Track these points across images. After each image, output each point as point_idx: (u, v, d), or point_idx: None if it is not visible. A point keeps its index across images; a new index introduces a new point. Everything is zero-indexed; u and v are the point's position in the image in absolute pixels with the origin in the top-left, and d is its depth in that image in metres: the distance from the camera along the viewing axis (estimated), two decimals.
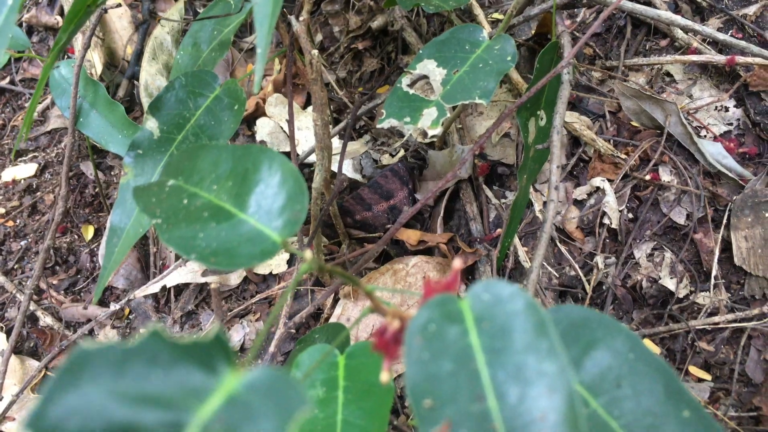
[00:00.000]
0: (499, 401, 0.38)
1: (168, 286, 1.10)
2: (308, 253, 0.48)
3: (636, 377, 0.50)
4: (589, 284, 0.99)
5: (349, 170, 1.13)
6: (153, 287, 1.09)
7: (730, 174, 1.03)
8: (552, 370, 0.38)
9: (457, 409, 0.38)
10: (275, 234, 0.53)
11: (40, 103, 1.39)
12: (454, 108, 1.08)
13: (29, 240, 1.28)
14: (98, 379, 0.28)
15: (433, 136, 1.16)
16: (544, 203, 1.05)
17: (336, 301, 1.04)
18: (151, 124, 0.80)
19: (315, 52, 0.82)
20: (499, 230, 1.04)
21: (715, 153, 1.04)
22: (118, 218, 0.79)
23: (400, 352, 0.46)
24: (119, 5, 1.31)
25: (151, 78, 1.23)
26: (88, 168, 1.32)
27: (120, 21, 1.44)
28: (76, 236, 1.28)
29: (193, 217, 0.57)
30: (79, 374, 0.28)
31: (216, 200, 0.58)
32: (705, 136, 1.08)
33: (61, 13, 1.48)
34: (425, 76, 0.81)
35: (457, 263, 0.46)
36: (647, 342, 0.99)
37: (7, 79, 1.49)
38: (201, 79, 0.81)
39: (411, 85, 0.81)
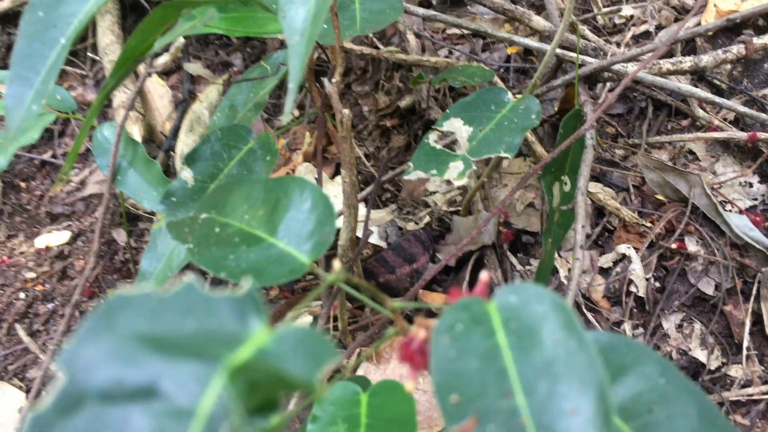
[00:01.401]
0: (527, 397, 0.37)
1: None
2: (336, 264, 0.48)
3: (668, 402, 0.48)
4: None
5: (374, 237, 1.15)
6: None
7: (757, 246, 1.02)
8: (582, 364, 0.37)
9: (484, 405, 0.37)
10: (304, 256, 0.54)
11: (78, 171, 1.45)
12: (479, 176, 1.11)
13: (56, 303, 1.29)
14: (133, 323, 0.29)
15: (458, 205, 1.18)
16: (570, 270, 1.05)
17: (357, 364, 1.02)
18: (186, 174, 0.83)
19: (346, 111, 0.86)
20: None
21: (742, 225, 1.04)
22: (148, 263, 0.81)
23: (425, 363, 0.46)
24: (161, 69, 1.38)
25: (187, 148, 1.28)
26: (119, 235, 1.35)
27: (161, 100, 1.51)
28: (102, 301, 1.29)
29: (224, 242, 0.58)
30: (115, 318, 0.29)
31: (247, 228, 0.59)
32: (730, 210, 1.09)
33: None
34: (452, 133, 0.83)
35: (485, 275, 0.46)
36: None
37: (50, 153, 1.55)
38: (236, 133, 0.85)
39: (438, 141, 0.83)
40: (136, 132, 1.40)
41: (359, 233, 1.04)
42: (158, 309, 0.29)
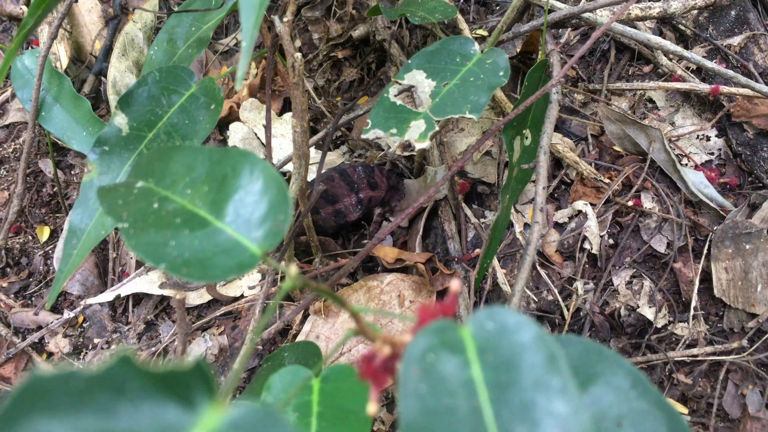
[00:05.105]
0: None
1: (124, 295, 1.04)
2: (293, 269, 0.43)
3: (638, 416, 0.46)
4: (568, 310, 0.97)
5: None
6: (106, 296, 1.02)
7: (711, 204, 1.02)
8: (564, 410, 0.34)
9: None
10: (254, 245, 0.49)
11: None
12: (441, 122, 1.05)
13: None
14: (55, 412, 0.24)
15: (412, 150, 1.13)
16: (525, 225, 1.03)
17: (305, 317, 0.99)
18: (119, 120, 0.75)
19: (298, 55, 0.78)
20: (477, 250, 1.01)
21: (697, 182, 1.03)
22: (79, 218, 0.74)
23: (388, 381, 0.42)
24: None
25: (119, 75, 1.18)
26: (47, 166, 1.25)
27: (89, 15, 1.38)
28: (30, 237, 1.21)
29: (164, 222, 0.52)
30: (33, 405, 0.24)
31: (190, 206, 0.53)
32: (686, 164, 1.07)
33: (27, 3, 1.41)
34: (413, 87, 0.77)
35: (455, 285, 0.42)
36: None
37: None
38: (176, 75, 0.76)
39: (398, 95, 0.77)
40: (63, 52, 1.27)
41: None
42: (85, 391, 0.24)
